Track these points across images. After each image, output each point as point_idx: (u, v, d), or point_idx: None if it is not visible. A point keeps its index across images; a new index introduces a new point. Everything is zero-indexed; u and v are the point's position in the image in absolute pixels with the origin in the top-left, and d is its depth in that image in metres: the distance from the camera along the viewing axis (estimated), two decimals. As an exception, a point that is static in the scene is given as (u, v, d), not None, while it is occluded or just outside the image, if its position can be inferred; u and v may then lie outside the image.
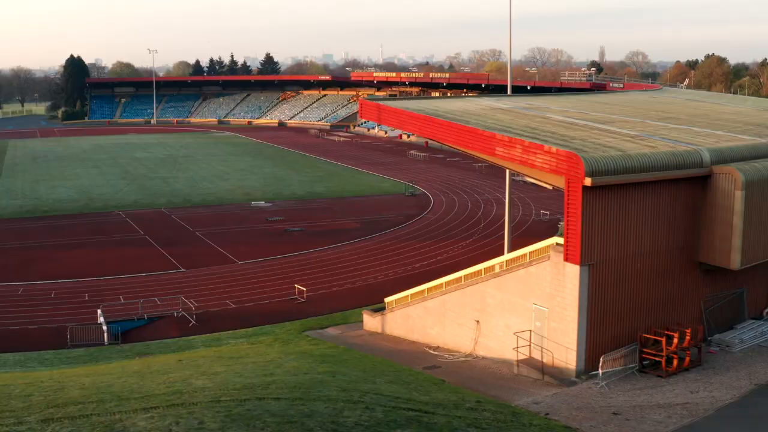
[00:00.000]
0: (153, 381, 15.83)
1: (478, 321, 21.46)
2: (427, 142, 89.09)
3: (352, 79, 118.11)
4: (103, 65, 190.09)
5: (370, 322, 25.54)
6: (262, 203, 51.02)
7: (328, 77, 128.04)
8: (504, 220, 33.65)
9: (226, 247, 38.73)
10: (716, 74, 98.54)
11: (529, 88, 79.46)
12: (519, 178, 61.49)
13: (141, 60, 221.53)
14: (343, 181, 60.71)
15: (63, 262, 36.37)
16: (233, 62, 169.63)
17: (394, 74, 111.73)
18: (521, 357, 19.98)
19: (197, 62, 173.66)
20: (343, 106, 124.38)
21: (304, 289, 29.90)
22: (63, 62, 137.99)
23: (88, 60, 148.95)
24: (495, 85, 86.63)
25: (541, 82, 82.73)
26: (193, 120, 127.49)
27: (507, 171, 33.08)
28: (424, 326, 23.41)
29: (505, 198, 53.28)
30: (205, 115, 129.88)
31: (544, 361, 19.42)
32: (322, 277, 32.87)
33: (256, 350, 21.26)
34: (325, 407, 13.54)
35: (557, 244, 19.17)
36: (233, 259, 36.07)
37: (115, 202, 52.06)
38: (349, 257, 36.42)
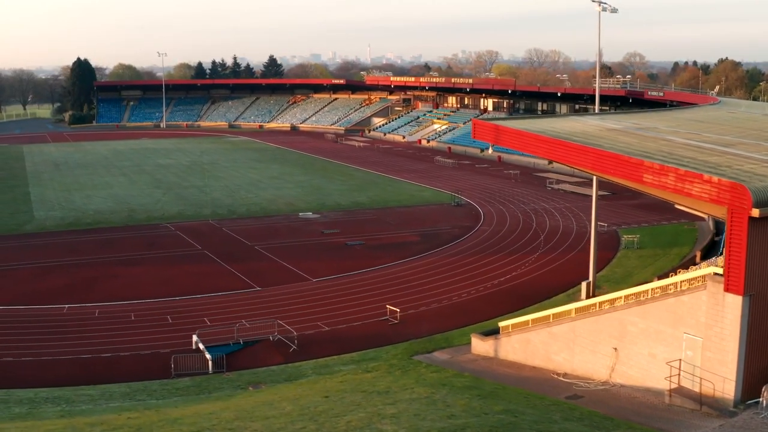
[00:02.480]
0: (333, 427, 15.19)
1: (615, 348, 21.08)
2: (450, 148, 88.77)
3: (368, 83, 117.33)
4: (98, 66, 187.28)
5: (480, 345, 25.02)
6: (310, 214, 50.24)
7: (341, 81, 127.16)
8: (593, 234, 32.86)
9: (292, 262, 37.95)
10: (731, 78, 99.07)
11: (559, 94, 79.17)
12: (558, 187, 61.24)
13: (135, 61, 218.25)
14: (382, 190, 60.02)
15: (129, 280, 35.42)
16: (236, 64, 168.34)
17: (412, 78, 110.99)
18: (672, 386, 19.63)
19: (199, 64, 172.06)
20: (355, 110, 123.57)
21: (398, 310, 29.38)
22: (54, 63, 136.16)
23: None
24: (522, 92, 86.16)
25: (572, 89, 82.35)
26: (203, 124, 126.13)
27: (594, 190, 32.39)
28: (548, 352, 22.95)
29: (552, 208, 53.17)
30: (215, 118, 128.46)
31: (698, 390, 19.06)
32: (404, 296, 32.22)
33: (391, 382, 20.61)
34: (535, 455, 13.09)
35: (715, 273, 18.81)
36: (306, 277, 35.28)
37: (158, 213, 50.94)
38: (423, 273, 35.77)
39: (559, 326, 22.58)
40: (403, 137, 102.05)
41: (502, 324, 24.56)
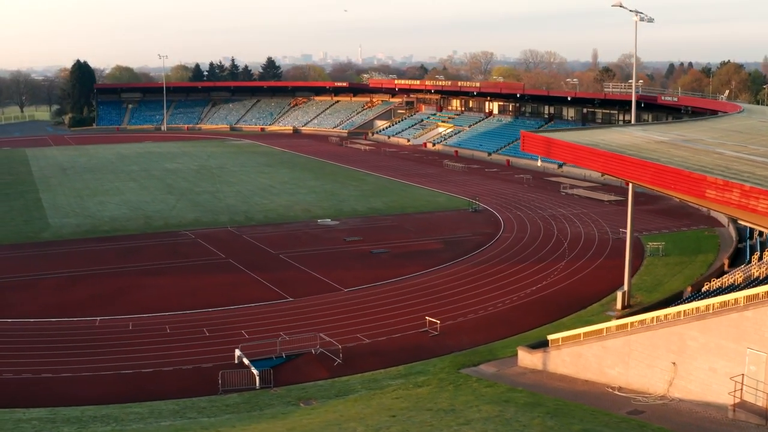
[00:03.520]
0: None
1: (674, 363, 21.05)
2: (456, 151, 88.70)
3: (371, 85, 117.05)
4: (95, 68, 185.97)
5: (528, 358, 24.91)
6: (328, 221, 49.96)
7: (344, 83, 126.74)
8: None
9: (320, 271, 37.64)
10: (734, 81, 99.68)
11: (569, 99, 79.20)
12: (572, 192, 61.14)
13: (126, 61, 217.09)
14: (397, 196, 59.78)
15: (157, 290, 35.00)
16: (234, 66, 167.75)
17: (417, 81, 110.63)
18: (735, 401, 19.59)
19: (197, 66, 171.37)
20: (357, 113, 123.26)
21: (437, 321, 29.23)
22: (44, 64, 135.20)
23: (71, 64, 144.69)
24: (531, 96, 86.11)
25: (582, 93, 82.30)
26: (204, 126, 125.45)
27: (630, 200, 32.26)
28: (601, 366, 22.86)
29: (569, 214, 53.11)
30: (216, 121, 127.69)
31: (763, 405, 19.04)
32: (439, 306, 31.97)
33: (450, 398, 20.42)
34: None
35: (781, 289, 18.84)
36: (337, 287, 35.00)
37: (175, 220, 50.49)
38: (454, 282, 35.57)
39: (613, 340, 22.50)
40: (408, 140, 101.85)
41: (551, 337, 24.47)
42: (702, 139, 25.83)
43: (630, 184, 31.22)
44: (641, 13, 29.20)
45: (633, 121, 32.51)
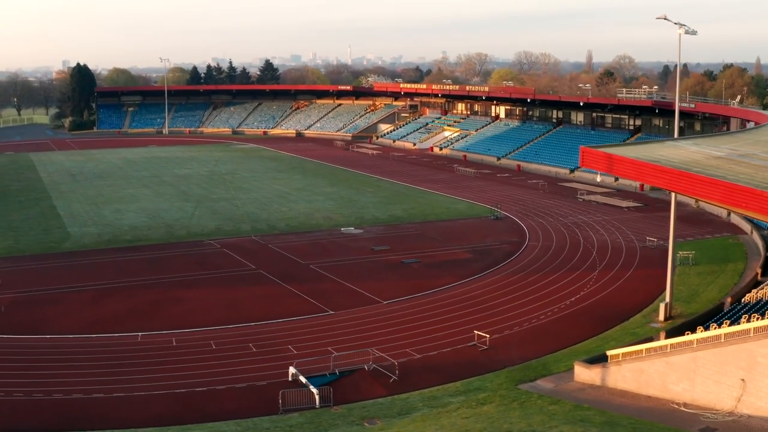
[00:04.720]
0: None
1: (743, 379, 21.15)
2: (465, 156, 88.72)
3: (375, 89, 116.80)
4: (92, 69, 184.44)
5: (585, 373, 24.90)
6: (352, 229, 49.75)
7: (348, 87, 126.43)
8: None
9: (355, 282, 37.44)
10: (737, 85, 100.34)
11: (582, 104, 79.45)
12: (589, 198, 61.25)
13: (116, 62, 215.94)
14: (415, 203, 59.61)
15: (193, 304, 34.62)
16: (232, 68, 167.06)
17: (424, 85, 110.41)
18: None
19: (194, 68, 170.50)
20: (360, 116, 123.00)
21: (486, 335, 29.13)
22: (34, 65, 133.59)
23: (59, 65, 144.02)
24: (542, 101, 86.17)
25: (595, 98, 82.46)
26: (206, 130, 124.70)
27: (672, 210, 32.24)
28: (665, 382, 22.91)
29: (591, 221, 53.24)
30: (217, 124, 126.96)
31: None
32: (482, 319, 31.88)
33: (522, 417, 20.35)
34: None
35: None
36: (375, 299, 34.81)
37: (197, 229, 50.00)
38: (491, 294, 35.49)
39: (677, 356, 22.54)
40: (414, 144, 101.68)
41: (611, 353, 24.48)
42: (755, 153, 25.97)
43: (673, 195, 31.40)
44: (685, 25, 29.36)
45: (676, 134, 32.69)
